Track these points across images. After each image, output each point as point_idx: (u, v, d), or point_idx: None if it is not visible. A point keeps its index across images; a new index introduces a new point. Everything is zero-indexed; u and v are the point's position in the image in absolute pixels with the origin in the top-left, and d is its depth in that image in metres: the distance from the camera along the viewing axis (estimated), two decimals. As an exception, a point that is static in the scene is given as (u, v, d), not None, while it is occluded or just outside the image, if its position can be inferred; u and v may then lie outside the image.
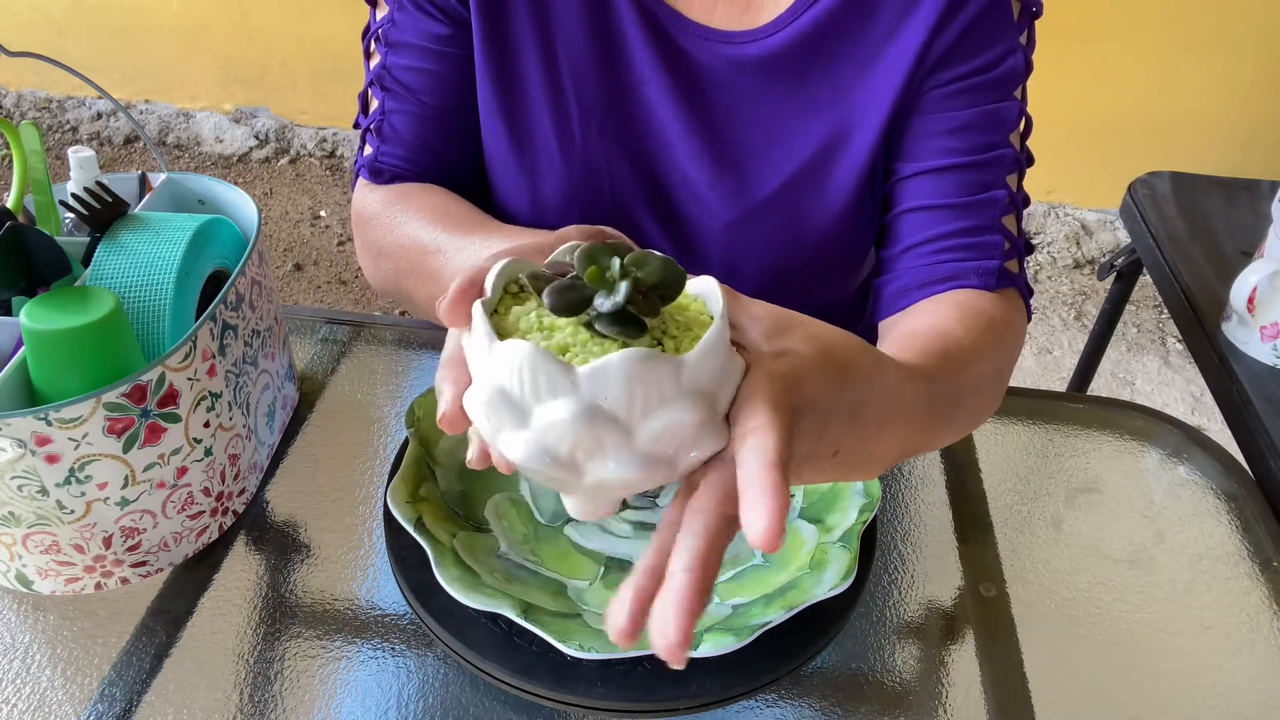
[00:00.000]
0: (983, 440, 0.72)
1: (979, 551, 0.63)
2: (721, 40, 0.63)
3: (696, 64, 0.64)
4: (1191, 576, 0.63)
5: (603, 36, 0.63)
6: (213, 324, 0.55)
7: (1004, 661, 0.56)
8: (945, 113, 0.62)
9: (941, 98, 0.62)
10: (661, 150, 0.66)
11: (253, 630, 0.55)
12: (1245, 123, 2.11)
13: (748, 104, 0.64)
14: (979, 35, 0.60)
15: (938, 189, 0.62)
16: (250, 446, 0.61)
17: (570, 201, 0.68)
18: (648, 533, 0.59)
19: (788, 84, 0.63)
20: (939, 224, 0.62)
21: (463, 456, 0.62)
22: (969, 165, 0.62)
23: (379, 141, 0.67)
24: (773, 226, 0.68)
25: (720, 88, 0.64)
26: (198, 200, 0.67)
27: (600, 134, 0.65)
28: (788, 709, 0.53)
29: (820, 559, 0.55)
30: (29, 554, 0.54)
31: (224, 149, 2.58)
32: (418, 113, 0.66)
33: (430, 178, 0.68)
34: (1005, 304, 0.60)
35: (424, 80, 0.66)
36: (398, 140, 0.67)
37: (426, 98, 0.66)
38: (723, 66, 0.63)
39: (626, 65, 0.64)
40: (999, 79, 0.61)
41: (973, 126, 0.62)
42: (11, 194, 0.61)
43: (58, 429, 0.48)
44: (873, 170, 0.65)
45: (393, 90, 0.66)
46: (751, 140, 0.65)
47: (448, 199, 0.65)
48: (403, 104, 0.66)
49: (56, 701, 0.51)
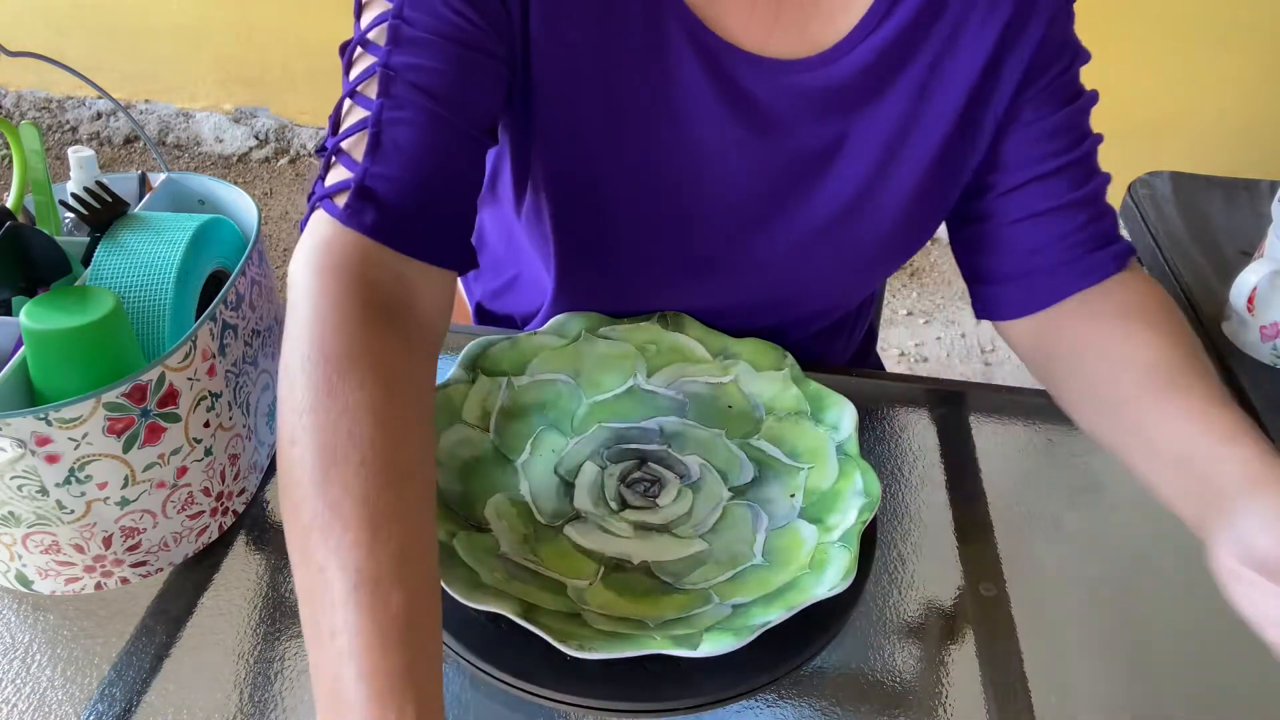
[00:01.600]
0: (983, 440, 0.72)
1: (979, 551, 0.63)
2: (777, 70, 0.60)
3: (756, 100, 0.61)
4: (1191, 577, 0.62)
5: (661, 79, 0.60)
6: (213, 324, 0.55)
7: (1004, 661, 0.56)
8: (1040, 120, 0.62)
9: (1033, 107, 0.62)
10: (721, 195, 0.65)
11: (253, 630, 0.55)
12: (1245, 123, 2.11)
13: (802, 133, 0.63)
14: (1056, 40, 0.61)
15: (1052, 192, 0.63)
16: (250, 446, 0.61)
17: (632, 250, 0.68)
18: (648, 533, 0.59)
19: (844, 112, 0.62)
20: (1062, 223, 0.63)
21: (463, 456, 0.62)
22: (1073, 162, 0.63)
23: (368, 159, 0.51)
24: (816, 256, 0.68)
25: (775, 118, 0.62)
26: (198, 200, 0.67)
27: (659, 186, 0.64)
28: (788, 709, 0.53)
29: (820, 559, 0.55)
30: (29, 554, 0.54)
31: (224, 149, 2.58)
32: (428, 123, 0.53)
33: (423, 219, 0.53)
34: (1140, 276, 0.63)
35: (440, 81, 0.53)
36: (397, 155, 0.52)
37: (443, 103, 0.53)
38: (778, 96, 0.61)
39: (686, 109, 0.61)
40: (1074, 72, 0.63)
41: (1066, 126, 0.63)
42: (11, 194, 0.61)
43: (58, 429, 0.48)
44: (932, 189, 0.65)
45: (396, 95, 0.52)
46: (803, 172, 0.64)
47: (385, 439, 0.44)
48: (407, 111, 0.52)
49: (56, 701, 0.51)
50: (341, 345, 0.46)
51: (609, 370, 0.68)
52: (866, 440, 0.70)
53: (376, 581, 0.40)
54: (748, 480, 0.63)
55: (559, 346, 0.68)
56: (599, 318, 0.71)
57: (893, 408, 0.74)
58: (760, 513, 0.60)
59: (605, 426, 0.66)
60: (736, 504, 0.61)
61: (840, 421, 0.64)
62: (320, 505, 0.42)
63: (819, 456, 0.62)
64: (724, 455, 0.64)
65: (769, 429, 0.65)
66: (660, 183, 0.64)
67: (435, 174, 0.53)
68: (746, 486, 0.62)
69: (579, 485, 0.62)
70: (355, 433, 0.44)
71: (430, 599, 0.42)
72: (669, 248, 0.68)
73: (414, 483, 0.45)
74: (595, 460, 0.63)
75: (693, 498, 0.61)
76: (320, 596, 0.40)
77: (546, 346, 0.68)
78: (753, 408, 0.67)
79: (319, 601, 0.40)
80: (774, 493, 0.62)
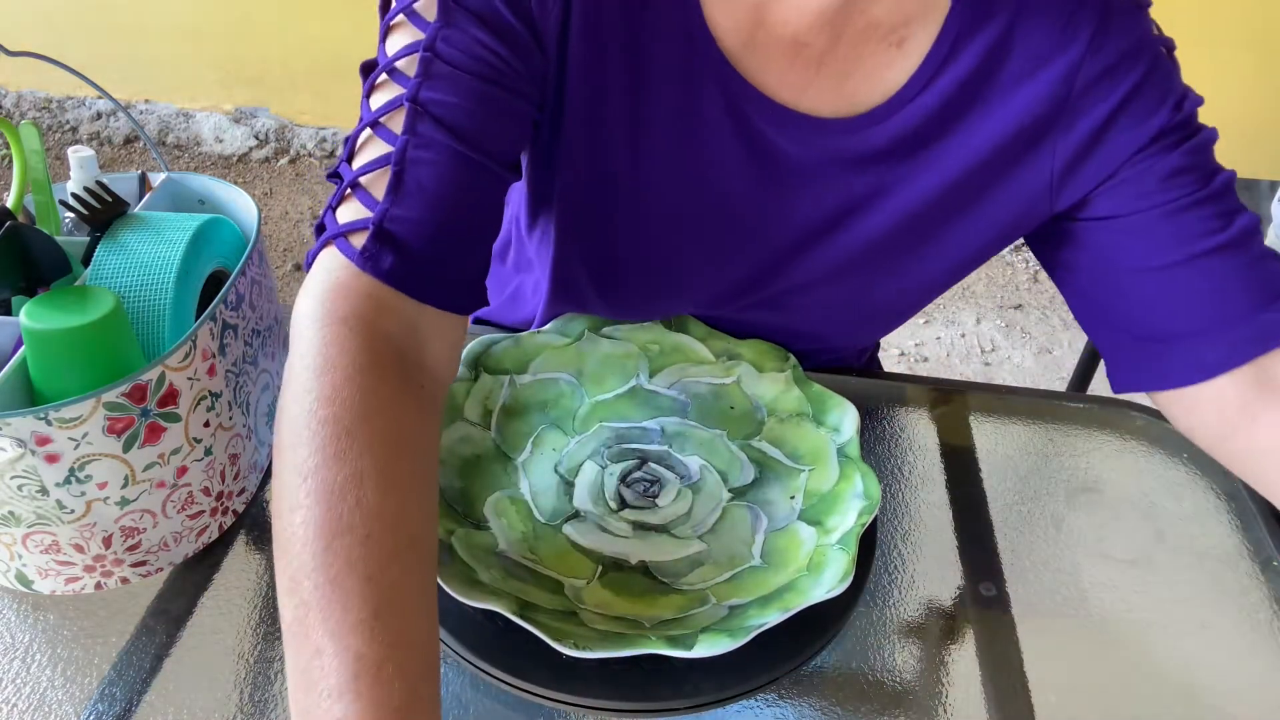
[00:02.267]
0: (983, 440, 0.72)
1: (979, 551, 0.63)
2: (812, 129, 0.58)
3: (782, 155, 0.60)
4: (1191, 576, 0.62)
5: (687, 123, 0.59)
6: (213, 324, 0.55)
7: (1004, 661, 0.56)
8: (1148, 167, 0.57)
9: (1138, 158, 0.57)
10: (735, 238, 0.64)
11: (253, 630, 0.55)
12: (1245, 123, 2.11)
13: (831, 195, 0.61)
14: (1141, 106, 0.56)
15: (1182, 235, 0.56)
16: (250, 446, 0.61)
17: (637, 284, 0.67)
18: (646, 533, 0.59)
19: (880, 175, 0.60)
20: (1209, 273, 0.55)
21: (464, 453, 0.62)
22: (1204, 199, 0.56)
23: (389, 200, 0.49)
24: (833, 299, 0.67)
25: (803, 178, 0.61)
26: (198, 200, 0.67)
27: (674, 225, 0.63)
28: (788, 709, 0.53)
29: (818, 561, 0.55)
30: (29, 554, 0.54)
31: (224, 149, 2.58)
32: (452, 163, 0.50)
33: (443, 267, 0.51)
34: None
35: (469, 120, 0.51)
36: (420, 197, 0.49)
37: (469, 142, 0.51)
38: (809, 154, 0.60)
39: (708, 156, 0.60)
40: (1185, 120, 0.57)
41: (1183, 169, 0.56)
42: (11, 194, 0.61)
43: (58, 429, 0.48)
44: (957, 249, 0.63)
45: (422, 134, 0.50)
46: (826, 226, 0.63)
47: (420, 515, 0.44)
48: (431, 151, 0.50)
49: (56, 701, 0.51)
50: (351, 404, 0.44)
51: (611, 370, 0.68)
52: (866, 440, 0.70)
53: (378, 669, 0.38)
54: (748, 481, 0.63)
55: (562, 345, 0.68)
56: (601, 319, 0.71)
57: (893, 408, 0.74)
58: (760, 514, 0.60)
59: (607, 426, 0.66)
60: (736, 505, 0.61)
61: (842, 423, 0.64)
62: (321, 579, 0.40)
63: (820, 459, 0.62)
64: (725, 456, 0.64)
65: (770, 430, 0.65)
66: (675, 225, 0.63)
67: (457, 217, 0.51)
68: (747, 488, 0.62)
69: (579, 484, 0.62)
70: (362, 501, 0.41)
71: (432, 684, 0.40)
72: (670, 289, 0.68)
73: (418, 550, 0.43)
74: (596, 460, 0.63)
75: (692, 498, 0.61)
76: (316, 682, 0.38)
77: (549, 345, 0.68)
78: (754, 409, 0.67)
79: (314, 686, 0.38)
80: (774, 494, 0.62)
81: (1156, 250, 0.57)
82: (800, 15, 0.55)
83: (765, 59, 0.58)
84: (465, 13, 0.52)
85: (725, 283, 0.67)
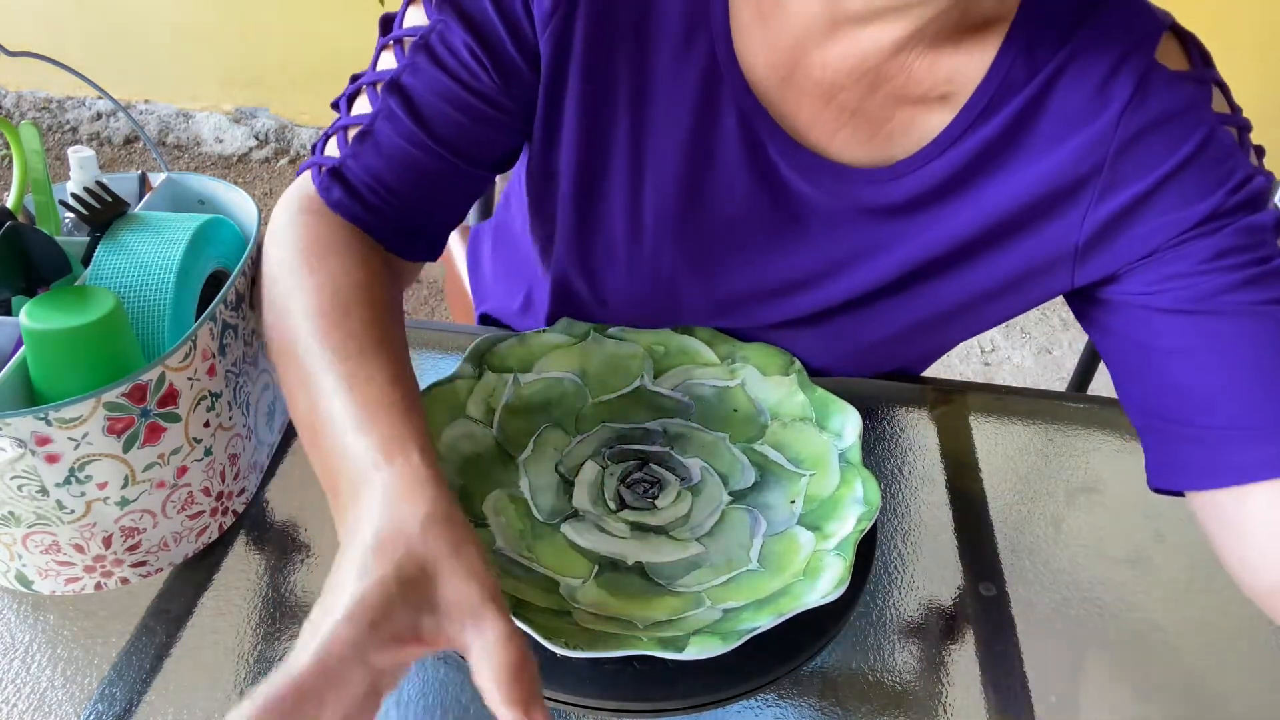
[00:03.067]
0: (983, 440, 0.72)
1: (979, 551, 0.63)
2: (835, 175, 0.58)
3: (799, 196, 0.59)
4: (1191, 576, 0.63)
5: (698, 155, 0.59)
6: (213, 324, 0.55)
7: (1004, 661, 0.56)
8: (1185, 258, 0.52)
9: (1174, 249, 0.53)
10: (735, 268, 0.64)
11: (253, 630, 0.55)
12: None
13: (843, 237, 0.60)
14: (1188, 186, 0.52)
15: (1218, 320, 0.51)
16: (250, 446, 0.61)
17: (633, 300, 0.67)
18: (645, 533, 0.59)
19: (897, 223, 0.59)
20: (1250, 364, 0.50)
21: (465, 451, 0.62)
22: (1249, 281, 0.51)
23: (354, 148, 0.58)
24: (834, 334, 0.67)
25: (817, 220, 0.60)
26: (198, 200, 0.67)
27: (673, 248, 0.63)
28: (787, 709, 0.53)
29: (815, 566, 0.55)
30: (29, 554, 0.54)
31: (224, 149, 2.58)
32: (414, 138, 0.57)
33: (384, 215, 0.59)
34: None
35: (440, 116, 0.57)
36: (376, 154, 0.57)
37: (437, 130, 0.57)
38: (830, 202, 0.59)
39: (715, 189, 0.60)
40: (1243, 202, 0.52)
41: (1231, 250, 0.51)
42: (11, 194, 0.61)
43: (58, 429, 0.48)
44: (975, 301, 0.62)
45: (394, 110, 0.57)
46: (832, 267, 0.62)
47: (362, 286, 0.54)
48: (400, 125, 0.57)
49: (56, 701, 0.51)
50: (320, 240, 0.56)
51: (616, 370, 0.68)
52: (867, 440, 0.70)
53: (356, 374, 0.48)
54: (749, 485, 0.63)
55: (567, 345, 0.68)
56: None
57: (893, 408, 0.74)
58: (759, 518, 0.60)
59: (609, 426, 0.66)
60: (735, 508, 0.61)
61: (844, 429, 0.64)
62: (311, 343, 0.50)
63: (821, 463, 0.62)
64: (726, 459, 0.64)
65: (773, 434, 0.65)
66: (672, 246, 0.63)
67: (405, 183, 0.58)
68: (747, 491, 0.62)
69: (579, 484, 0.62)
70: (340, 292, 0.53)
71: (410, 387, 0.50)
72: (667, 313, 0.68)
73: (394, 333, 0.53)
74: (597, 460, 0.63)
75: (692, 500, 0.61)
76: (316, 407, 0.48)
77: (554, 345, 0.68)
78: (758, 412, 0.67)
79: (316, 413, 0.48)
80: (774, 498, 0.62)
81: (1191, 333, 0.52)
82: (841, 61, 0.54)
83: (799, 99, 0.57)
84: (466, 19, 0.56)
85: (718, 307, 0.68)
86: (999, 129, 0.55)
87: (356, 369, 0.49)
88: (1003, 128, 0.55)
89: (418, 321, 0.81)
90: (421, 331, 0.79)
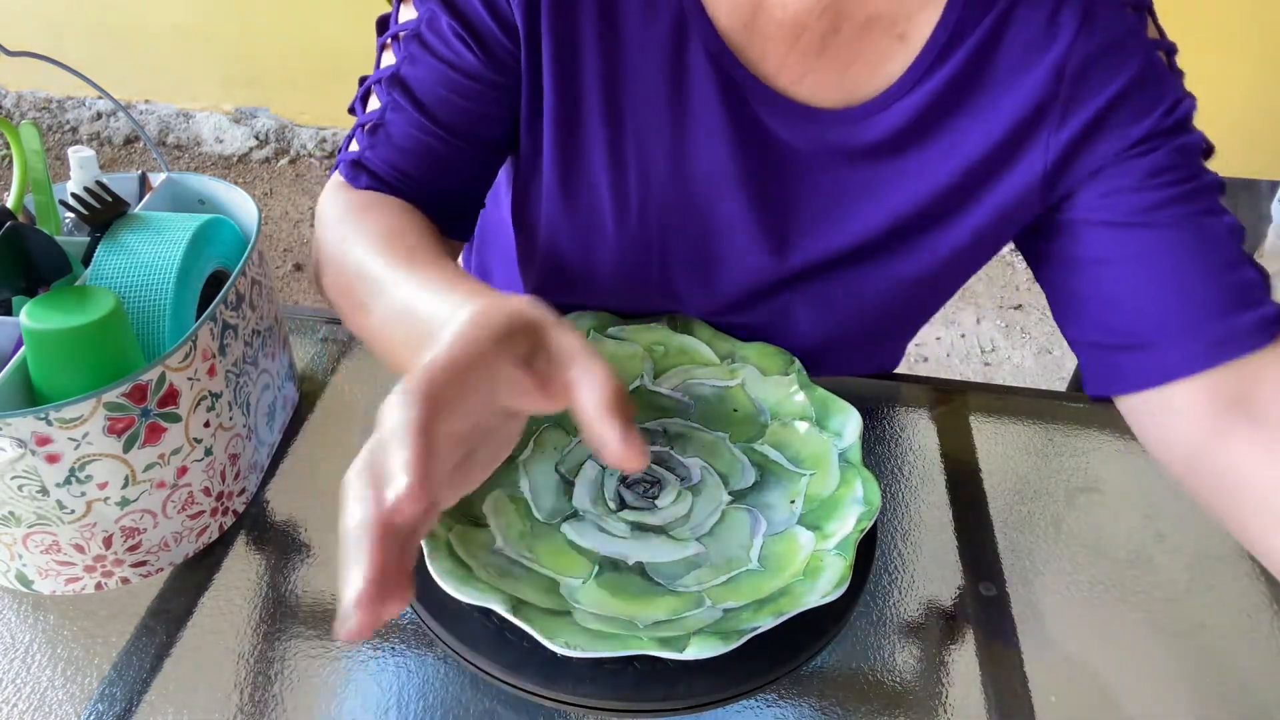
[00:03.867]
0: (983, 440, 0.72)
1: (979, 551, 0.63)
2: (807, 118, 0.59)
3: (776, 141, 0.60)
4: (1191, 576, 0.63)
5: (676, 107, 0.60)
6: (213, 324, 0.55)
7: (1004, 661, 0.56)
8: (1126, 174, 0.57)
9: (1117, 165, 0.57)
10: (718, 224, 0.64)
11: (253, 630, 0.55)
12: (1245, 123, 2.11)
13: (825, 183, 0.61)
14: (1131, 108, 0.56)
15: (1148, 232, 0.55)
16: (250, 446, 0.61)
17: (620, 265, 0.67)
18: (645, 533, 0.59)
19: (876, 167, 0.60)
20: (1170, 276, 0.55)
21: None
22: (1178, 198, 0.55)
23: (370, 139, 0.62)
24: (830, 295, 0.67)
25: (797, 166, 0.61)
26: (198, 200, 0.67)
27: (658, 209, 0.63)
28: (788, 709, 0.53)
29: (815, 566, 0.55)
30: (29, 554, 0.54)
31: (224, 149, 2.58)
32: (421, 126, 0.61)
33: (411, 196, 0.63)
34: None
35: (440, 102, 0.60)
36: (390, 145, 0.61)
37: (439, 116, 0.61)
38: (805, 146, 0.60)
39: (695, 140, 0.60)
40: (1175, 125, 0.56)
41: (1165, 168, 0.56)
42: (11, 194, 0.61)
43: (58, 429, 0.48)
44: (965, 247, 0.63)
45: (405, 95, 0.61)
46: (819, 215, 0.63)
47: (407, 222, 0.59)
48: (407, 115, 0.61)
49: (56, 701, 0.51)
50: (365, 197, 0.61)
51: (615, 370, 0.68)
52: (866, 440, 0.70)
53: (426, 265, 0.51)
54: (749, 484, 0.63)
55: None
56: (608, 317, 0.71)
57: (893, 408, 0.74)
58: (759, 518, 0.60)
59: (607, 426, 0.66)
60: (735, 508, 0.61)
61: (845, 429, 0.64)
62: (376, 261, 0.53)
63: (821, 463, 0.62)
64: (726, 459, 0.64)
65: (773, 434, 0.65)
66: (663, 206, 0.63)
67: (419, 167, 0.62)
68: (747, 491, 0.62)
69: (579, 484, 0.62)
70: (394, 223, 0.57)
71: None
72: (659, 289, 0.68)
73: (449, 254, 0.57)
74: (596, 459, 0.63)
75: (692, 500, 0.61)
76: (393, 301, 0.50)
77: (552, 345, 0.68)
78: (758, 412, 0.67)
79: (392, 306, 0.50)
80: (774, 498, 0.62)
81: (1125, 245, 0.56)
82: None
83: (764, 44, 0.58)
84: (448, 3, 0.58)
85: (710, 269, 0.67)
86: (959, 66, 0.57)
87: (426, 261, 0.52)
88: (963, 64, 0.57)
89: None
90: (421, 331, 0.79)
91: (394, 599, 0.32)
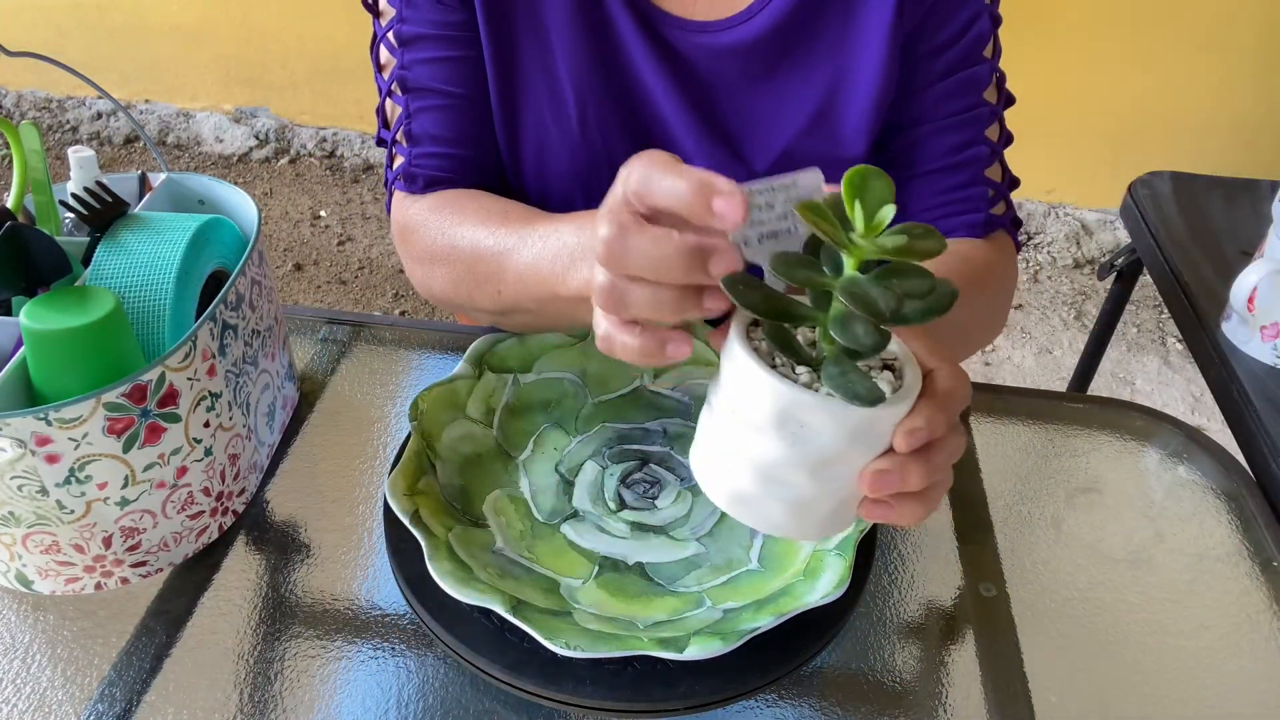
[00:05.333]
0: (983, 440, 0.72)
1: (979, 551, 0.63)
2: (697, 30, 0.66)
3: (680, 54, 0.67)
4: (1191, 576, 0.63)
5: (593, 28, 0.65)
6: (213, 324, 0.55)
7: (1004, 661, 0.56)
8: (925, 87, 0.67)
9: (919, 69, 0.67)
10: (659, 130, 0.69)
11: (253, 630, 0.55)
12: (1245, 123, 2.11)
13: (731, 87, 0.68)
14: (945, 6, 0.65)
15: (923, 155, 0.68)
16: (250, 446, 0.61)
17: (574, 182, 0.71)
18: (645, 534, 0.59)
19: (764, 66, 0.67)
20: (926, 186, 0.69)
21: (465, 451, 0.62)
22: (949, 128, 0.67)
23: (409, 147, 0.67)
24: None
25: (704, 75, 0.67)
26: (198, 200, 0.67)
27: (598, 119, 0.68)
28: (788, 709, 0.53)
29: (815, 566, 0.55)
30: (29, 554, 0.54)
31: (224, 149, 2.58)
32: (446, 105, 0.66)
33: (468, 176, 0.68)
34: (992, 247, 0.68)
35: (447, 70, 0.66)
36: (429, 140, 0.67)
37: (454, 87, 0.66)
38: (702, 55, 0.66)
39: (617, 52, 0.66)
40: (968, 45, 0.66)
41: (950, 95, 0.67)
42: (11, 194, 0.61)
43: (58, 429, 0.48)
44: (869, 132, 0.68)
45: (415, 90, 0.66)
46: (742, 119, 0.69)
47: (495, 200, 0.65)
48: (428, 101, 0.66)
49: (56, 701, 0.51)
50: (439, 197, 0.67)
51: (615, 370, 0.68)
52: (866, 440, 0.70)
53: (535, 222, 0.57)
54: (748, 481, 0.63)
55: (567, 345, 0.68)
56: None
57: (893, 408, 0.74)
58: (760, 514, 0.60)
59: (609, 426, 0.66)
60: (736, 504, 0.61)
61: None
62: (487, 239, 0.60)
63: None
64: (724, 455, 0.64)
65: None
66: (601, 119, 0.68)
67: (463, 143, 0.68)
68: (747, 487, 0.62)
69: (579, 484, 0.62)
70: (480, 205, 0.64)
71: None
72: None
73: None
74: (597, 460, 0.63)
75: (692, 500, 0.61)
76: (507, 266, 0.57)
77: (554, 345, 0.68)
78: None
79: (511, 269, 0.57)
80: (774, 494, 0.62)
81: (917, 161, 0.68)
82: None
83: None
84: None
85: None
86: None
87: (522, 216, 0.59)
88: None
89: (418, 321, 0.81)
90: (421, 331, 0.79)
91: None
